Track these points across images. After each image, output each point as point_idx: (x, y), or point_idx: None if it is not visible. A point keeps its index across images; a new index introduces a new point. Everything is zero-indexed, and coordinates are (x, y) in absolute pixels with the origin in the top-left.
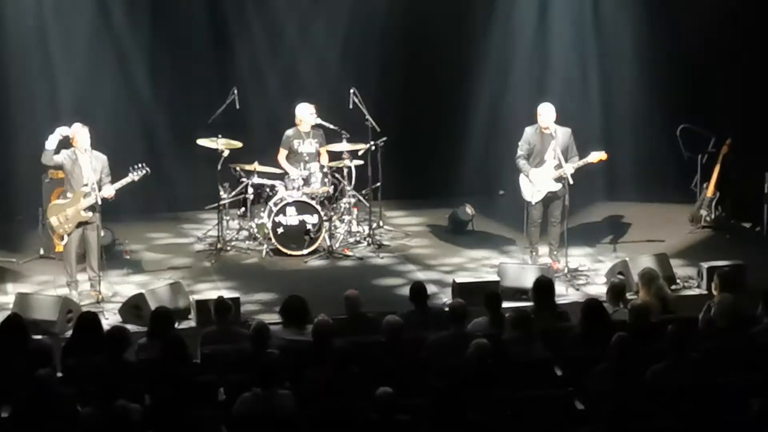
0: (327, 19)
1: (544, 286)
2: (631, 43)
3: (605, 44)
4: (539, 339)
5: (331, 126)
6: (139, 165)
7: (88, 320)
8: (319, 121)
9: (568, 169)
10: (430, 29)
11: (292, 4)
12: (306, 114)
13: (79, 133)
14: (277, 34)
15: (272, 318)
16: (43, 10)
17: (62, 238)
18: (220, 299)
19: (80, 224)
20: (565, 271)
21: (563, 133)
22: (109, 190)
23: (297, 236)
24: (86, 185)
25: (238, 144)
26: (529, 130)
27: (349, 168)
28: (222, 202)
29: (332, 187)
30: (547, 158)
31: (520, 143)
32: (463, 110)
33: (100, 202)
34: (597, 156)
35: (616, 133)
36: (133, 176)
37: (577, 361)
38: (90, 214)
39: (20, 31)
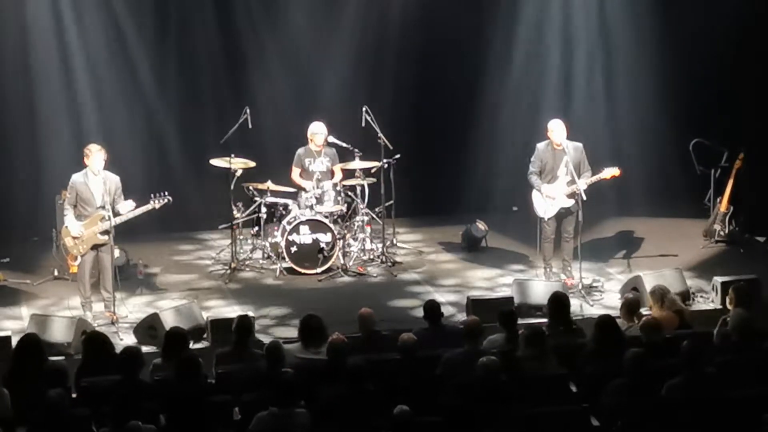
0: (339, 38)
1: (558, 301)
2: (643, 58)
3: (617, 59)
4: (553, 355)
5: (344, 144)
6: (162, 193)
7: (98, 340)
8: (331, 139)
9: (581, 185)
10: (442, 47)
11: (304, 23)
12: (317, 133)
13: (95, 154)
14: (290, 53)
15: (285, 335)
16: (65, 36)
17: (76, 259)
18: (243, 317)
19: (95, 246)
20: (580, 287)
21: (575, 149)
22: (125, 213)
23: (311, 255)
24: (103, 207)
25: (252, 163)
26: (540, 147)
27: (362, 186)
28: (236, 222)
29: (345, 205)
30: (559, 174)
31: (532, 159)
32: (475, 127)
33: (114, 225)
34: (610, 172)
35: (628, 149)
36: (154, 203)
37: (592, 377)
38: (106, 237)
39: (42, 55)
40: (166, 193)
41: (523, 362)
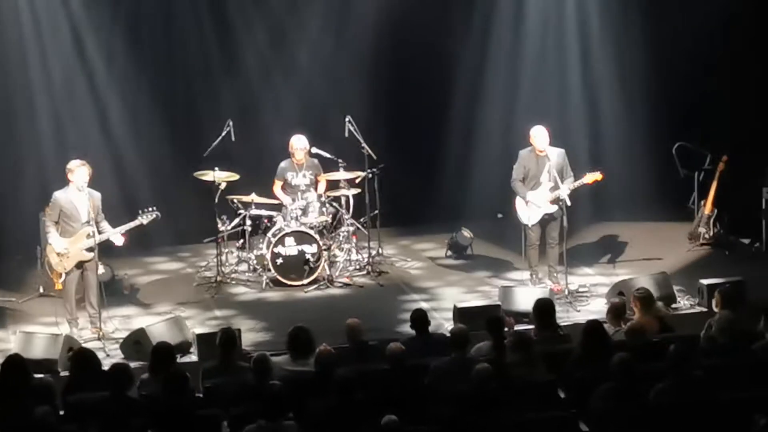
0: (320, 49)
1: (544, 308)
2: (626, 62)
3: (599, 63)
4: (541, 361)
5: (328, 155)
6: (150, 208)
7: (82, 356)
8: (315, 149)
9: (564, 190)
10: (424, 55)
11: (285, 35)
12: (298, 147)
13: (79, 170)
14: (271, 65)
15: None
16: (28, 47)
17: (60, 276)
18: (226, 330)
19: (80, 263)
20: (566, 292)
21: (557, 155)
22: (117, 237)
23: (296, 266)
24: (88, 223)
25: (235, 176)
26: (523, 153)
27: (347, 196)
28: (220, 235)
29: (330, 216)
30: (542, 180)
31: (515, 167)
32: (459, 135)
33: (98, 242)
34: (592, 177)
35: (611, 153)
36: (142, 219)
37: (580, 383)
38: (91, 254)
39: (21, 70)
40: (155, 208)
41: (511, 369)
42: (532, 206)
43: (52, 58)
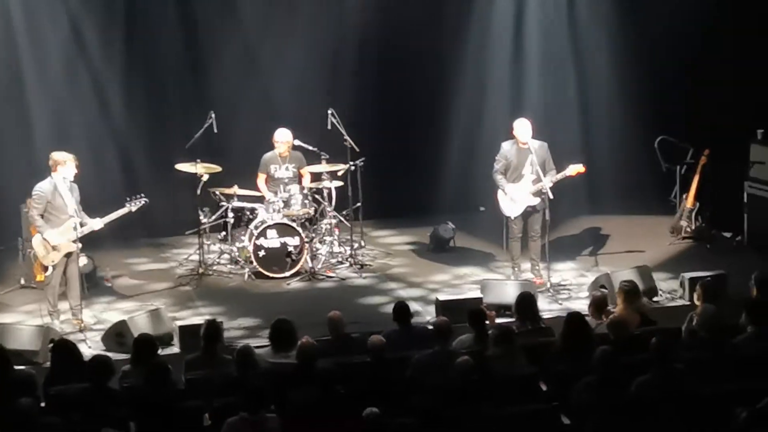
0: (303, 41)
1: (526, 301)
2: (608, 56)
3: (582, 58)
4: (523, 354)
5: (310, 147)
6: (138, 195)
7: (63, 347)
8: (297, 142)
9: (547, 183)
10: (406, 47)
11: (267, 27)
12: (281, 141)
13: (70, 163)
14: (254, 57)
15: (256, 341)
16: (17, 39)
17: (46, 269)
18: (211, 322)
19: (66, 254)
20: (548, 285)
21: (540, 147)
22: (99, 223)
23: (278, 259)
24: (72, 216)
25: (218, 168)
26: (505, 145)
27: (329, 189)
28: (202, 227)
29: (313, 208)
30: (524, 173)
31: (497, 158)
32: (441, 128)
33: (87, 232)
34: (575, 169)
35: (594, 147)
36: (131, 207)
37: (562, 375)
38: (79, 244)
39: (5, 63)
40: (142, 195)
41: (492, 362)
42: (513, 198)
43: (39, 47)
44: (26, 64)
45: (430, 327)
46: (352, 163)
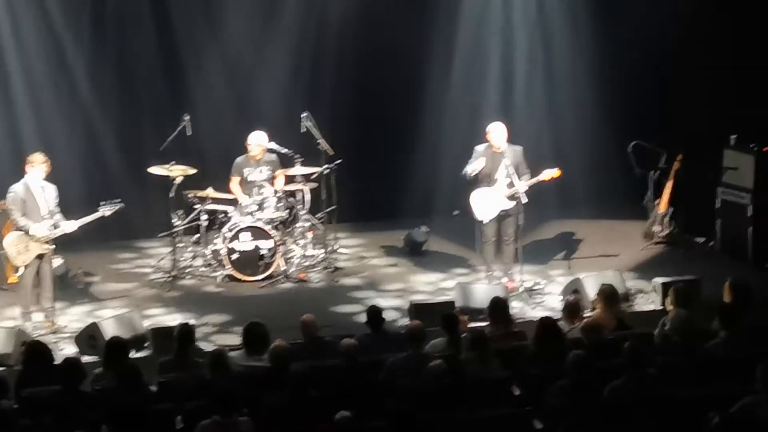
0: (278, 44)
1: (498, 305)
2: (582, 60)
3: (556, 62)
4: (496, 358)
5: (284, 150)
6: (115, 200)
7: (36, 349)
8: (272, 145)
9: (521, 187)
10: (381, 51)
11: (243, 29)
12: (255, 143)
13: (41, 165)
14: (229, 59)
15: (228, 342)
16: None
17: (17, 270)
18: (183, 325)
19: (38, 255)
20: (521, 289)
21: (514, 152)
22: (72, 225)
23: (252, 262)
24: (46, 215)
25: (191, 170)
26: (479, 149)
27: (303, 192)
28: (176, 230)
29: (287, 211)
30: (498, 177)
31: (469, 161)
32: (416, 132)
33: (59, 234)
34: (550, 173)
35: (567, 151)
36: (104, 211)
37: (535, 380)
38: (51, 246)
39: None
40: (119, 200)
41: (465, 365)
42: (487, 202)
43: (10, 46)
44: (1, 65)
45: (403, 331)
46: (326, 166)
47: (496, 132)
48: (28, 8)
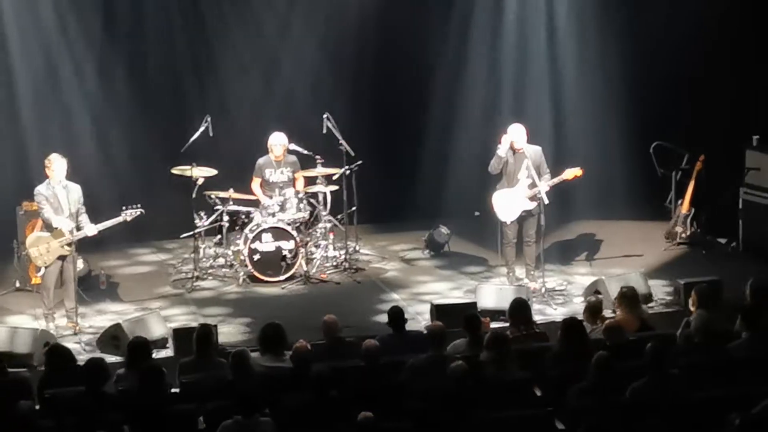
0: (299, 46)
1: (520, 306)
2: (606, 60)
3: (578, 62)
4: (516, 359)
5: (305, 151)
6: (134, 205)
7: (57, 351)
8: (292, 146)
9: (543, 187)
10: (401, 52)
11: (264, 31)
12: (276, 144)
13: (57, 164)
14: (250, 60)
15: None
16: (9, 40)
17: (39, 270)
18: (203, 326)
19: (59, 257)
20: (543, 290)
21: (534, 152)
22: (93, 229)
23: (273, 262)
24: (69, 216)
25: (213, 172)
26: (500, 150)
27: (325, 193)
28: (198, 230)
29: (308, 212)
30: (520, 177)
31: (491, 163)
32: (437, 133)
33: (80, 237)
34: (572, 172)
35: (589, 152)
36: (126, 216)
37: (557, 381)
38: (72, 247)
39: (1, 61)
40: (139, 205)
41: (486, 366)
42: (509, 202)
43: (34, 49)
44: (19, 66)
45: (425, 332)
46: (347, 167)
47: (517, 133)
48: (54, 6)
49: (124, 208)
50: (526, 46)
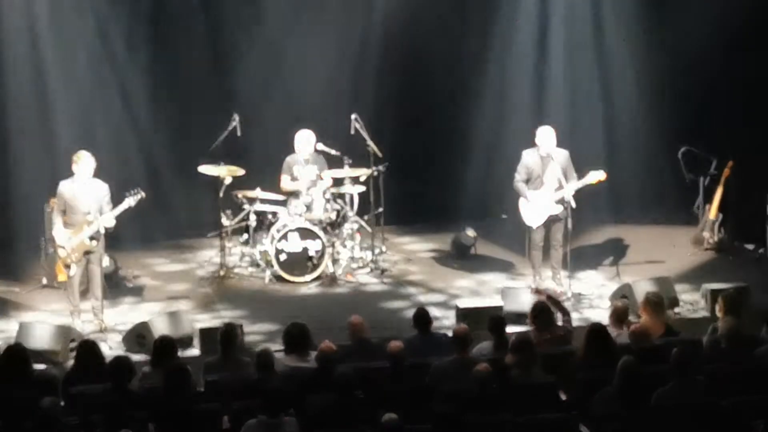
0: (327, 45)
1: (543, 310)
2: (633, 65)
3: (606, 66)
4: (540, 363)
5: (333, 152)
6: (134, 190)
7: (88, 348)
8: (320, 146)
9: (569, 191)
10: (430, 53)
11: (292, 30)
12: (304, 141)
13: (84, 161)
14: (278, 60)
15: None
16: (41, 39)
17: (69, 267)
18: (228, 325)
19: (86, 253)
20: (569, 295)
21: (561, 156)
22: (110, 220)
23: (300, 262)
24: (89, 213)
25: (240, 171)
26: (527, 154)
27: (351, 194)
28: (224, 230)
29: (335, 212)
30: (546, 181)
31: (518, 167)
32: (464, 134)
33: (102, 231)
34: (596, 176)
35: (618, 156)
36: (130, 201)
37: (582, 385)
38: (95, 242)
39: (18, 58)
40: (138, 189)
41: (511, 369)
42: (535, 207)
43: (64, 48)
44: (50, 64)
45: (450, 334)
46: (374, 168)
47: (545, 136)
48: (79, 6)
49: (126, 194)
50: (559, 47)
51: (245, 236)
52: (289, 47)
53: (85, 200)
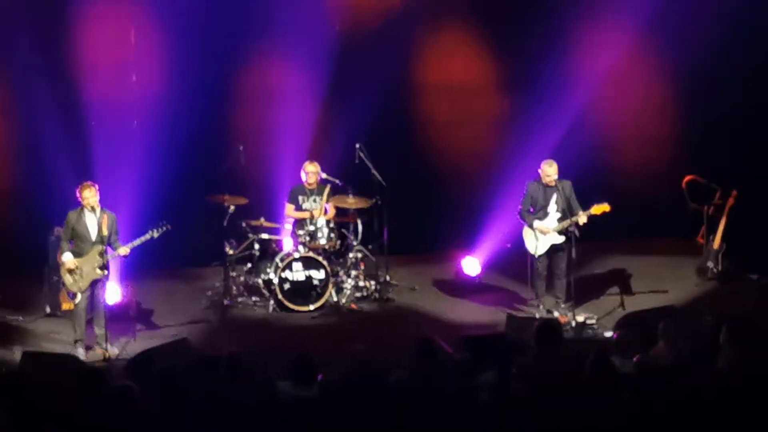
0: (332, 76)
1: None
2: (636, 94)
3: (610, 94)
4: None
5: (337, 181)
6: (162, 222)
7: (90, 376)
8: (324, 175)
9: (573, 221)
10: (431, 85)
11: (296, 61)
12: (310, 172)
13: (86, 191)
14: (283, 90)
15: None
16: None
17: (75, 296)
18: (232, 353)
19: (93, 281)
20: (572, 323)
21: (564, 187)
22: (125, 249)
23: (304, 291)
24: (101, 242)
25: (244, 200)
26: (531, 185)
27: (356, 223)
28: (228, 258)
29: (338, 242)
30: (550, 210)
31: (523, 199)
32: (468, 164)
33: (109, 259)
34: (600, 208)
35: (621, 186)
36: (153, 233)
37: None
38: (104, 272)
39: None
40: (165, 222)
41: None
42: (540, 236)
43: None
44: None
45: (454, 362)
46: (378, 197)
47: (548, 168)
48: None
49: (151, 228)
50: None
51: (249, 265)
52: (295, 77)
53: (92, 229)
